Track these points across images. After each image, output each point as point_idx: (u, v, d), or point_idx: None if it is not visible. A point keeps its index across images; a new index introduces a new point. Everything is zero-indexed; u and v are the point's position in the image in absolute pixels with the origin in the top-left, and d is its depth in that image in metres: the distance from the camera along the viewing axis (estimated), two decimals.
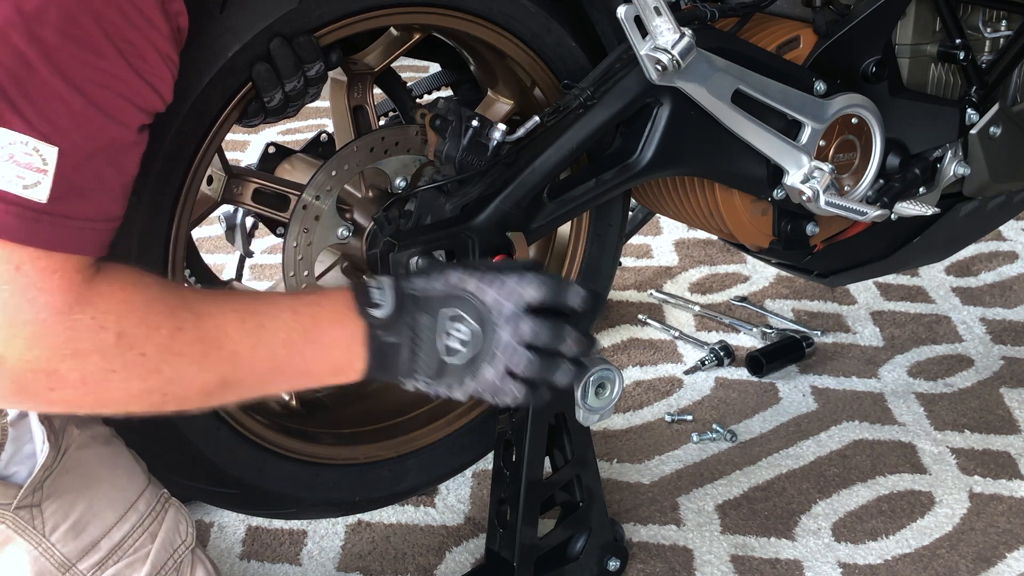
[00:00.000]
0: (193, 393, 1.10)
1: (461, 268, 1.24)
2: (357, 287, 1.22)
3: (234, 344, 1.11)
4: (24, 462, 1.14)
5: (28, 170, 0.97)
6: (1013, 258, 2.52)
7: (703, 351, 2.14)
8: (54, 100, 0.97)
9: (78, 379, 1.02)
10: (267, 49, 1.28)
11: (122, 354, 1.04)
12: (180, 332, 1.08)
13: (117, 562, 1.17)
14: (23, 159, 0.97)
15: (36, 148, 0.97)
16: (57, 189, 0.98)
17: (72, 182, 1.00)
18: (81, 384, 1.03)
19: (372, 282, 1.22)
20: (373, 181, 1.51)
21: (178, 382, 1.08)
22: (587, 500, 1.54)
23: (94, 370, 1.03)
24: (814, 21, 1.61)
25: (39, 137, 0.97)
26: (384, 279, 1.22)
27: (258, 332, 1.13)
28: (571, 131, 1.46)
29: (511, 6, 1.46)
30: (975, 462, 1.84)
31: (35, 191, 0.98)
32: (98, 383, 1.04)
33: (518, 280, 1.23)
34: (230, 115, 1.31)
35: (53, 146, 0.98)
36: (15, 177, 0.97)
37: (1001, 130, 1.74)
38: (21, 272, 0.99)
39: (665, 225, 2.68)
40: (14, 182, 0.97)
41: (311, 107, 2.99)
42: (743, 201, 1.62)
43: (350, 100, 1.55)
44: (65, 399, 1.04)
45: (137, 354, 1.05)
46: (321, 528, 1.72)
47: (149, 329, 1.05)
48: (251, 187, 1.49)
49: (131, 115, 1.04)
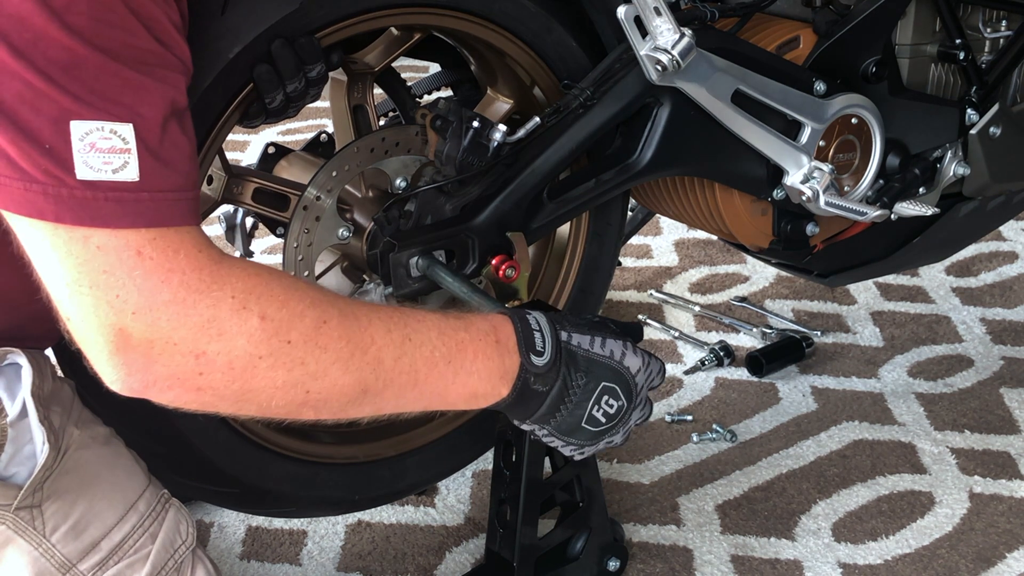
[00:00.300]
0: (334, 396, 1.09)
1: (621, 341, 1.30)
2: (517, 320, 1.23)
3: (379, 351, 1.11)
4: (24, 463, 1.14)
5: (112, 154, 0.97)
6: (1013, 258, 2.52)
7: (703, 351, 2.14)
8: (110, 80, 0.97)
9: (225, 363, 1.02)
10: (268, 50, 1.28)
11: (268, 339, 1.03)
12: (325, 325, 1.07)
13: (118, 563, 1.17)
14: (104, 144, 0.97)
15: (113, 130, 0.97)
16: (144, 164, 0.99)
17: (156, 154, 1.00)
18: (228, 369, 1.03)
19: (532, 321, 1.24)
20: (373, 181, 1.51)
21: (322, 379, 1.07)
22: (587, 500, 1.53)
23: (241, 354, 1.03)
24: (814, 21, 1.61)
25: (111, 119, 0.97)
26: (543, 321, 1.25)
27: (403, 344, 1.13)
28: (571, 131, 1.46)
29: (512, 6, 1.46)
30: (975, 462, 1.84)
31: (125, 172, 0.98)
32: (244, 369, 1.03)
33: (653, 362, 1.33)
34: (231, 116, 1.31)
35: (127, 123, 0.98)
36: (102, 164, 0.97)
37: (1001, 130, 1.74)
38: (144, 256, 0.99)
39: (665, 225, 2.68)
40: (103, 170, 0.97)
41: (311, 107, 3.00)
42: (743, 201, 1.62)
43: (350, 100, 1.55)
44: (213, 385, 1.03)
45: (283, 341, 1.04)
46: (321, 528, 1.72)
47: (292, 315, 1.05)
48: (251, 187, 1.49)
49: (177, 80, 1.04)
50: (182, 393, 1.04)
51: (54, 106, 0.96)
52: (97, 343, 1.00)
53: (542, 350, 1.23)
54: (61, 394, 1.19)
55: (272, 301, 1.05)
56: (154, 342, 1.00)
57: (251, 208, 1.51)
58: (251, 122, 1.37)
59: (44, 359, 1.19)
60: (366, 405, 1.13)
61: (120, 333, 1.00)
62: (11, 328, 1.16)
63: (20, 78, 0.95)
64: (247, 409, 1.08)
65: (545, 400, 1.24)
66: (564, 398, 1.25)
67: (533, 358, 1.22)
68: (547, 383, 1.24)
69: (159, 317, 1.00)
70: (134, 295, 0.99)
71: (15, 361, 1.15)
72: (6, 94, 0.95)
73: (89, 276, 0.98)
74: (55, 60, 0.95)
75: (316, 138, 1.72)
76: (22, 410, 1.13)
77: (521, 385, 1.22)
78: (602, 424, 1.29)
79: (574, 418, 1.27)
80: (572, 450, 1.33)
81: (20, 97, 0.95)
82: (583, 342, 1.27)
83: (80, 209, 0.97)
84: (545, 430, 1.29)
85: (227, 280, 1.03)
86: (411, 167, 1.49)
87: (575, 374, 1.25)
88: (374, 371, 1.11)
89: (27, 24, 0.95)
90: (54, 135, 0.96)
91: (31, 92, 0.95)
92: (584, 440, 1.30)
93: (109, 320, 0.99)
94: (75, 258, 0.98)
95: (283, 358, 1.05)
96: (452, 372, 1.17)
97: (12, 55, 0.95)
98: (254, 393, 1.06)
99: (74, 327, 1.02)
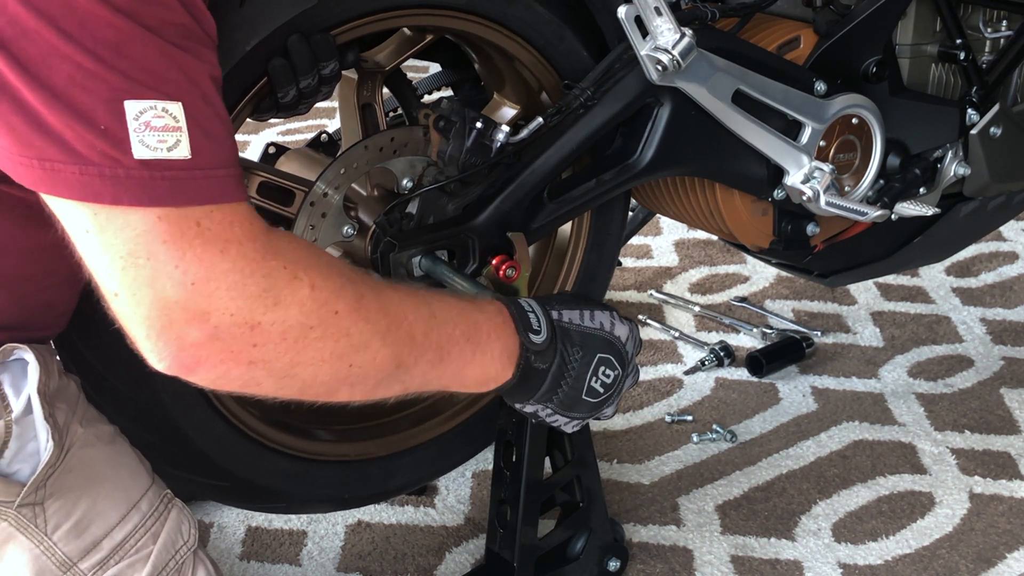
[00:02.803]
0: (373, 370, 1.11)
1: (607, 311, 1.34)
2: (510, 303, 1.27)
3: (410, 326, 1.13)
4: (27, 460, 1.14)
5: (166, 132, 0.97)
6: (1013, 258, 2.52)
7: (703, 351, 2.14)
8: (157, 58, 0.97)
9: (279, 334, 1.03)
10: (284, 45, 1.29)
11: (318, 309, 1.05)
12: (364, 299, 1.09)
13: (119, 562, 1.17)
14: (158, 123, 0.97)
15: (165, 108, 0.97)
16: (196, 141, 0.99)
17: (205, 130, 1.00)
18: (281, 340, 1.03)
19: (524, 304, 1.28)
20: (379, 180, 1.52)
21: (363, 351, 1.09)
22: (587, 500, 1.54)
23: (294, 324, 1.04)
24: (814, 21, 1.61)
25: (163, 97, 0.97)
26: (533, 303, 1.29)
27: (430, 320, 1.16)
28: (571, 131, 1.46)
29: (527, 12, 1.46)
30: (975, 462, 1.84)
31: (179, 150, 0.98)
32: (296, 339, 1.04)
33: (636, 329, 1.37)
34: (243, 108, 1.31)
35: (176, 101, 0.98)
36: (157, 143, 0.97)
37: (1001, 130, 1.74)
38: (203, 227, 0.99)
39: (665, 225, 2.68)
40: (159, 148, 0.97)
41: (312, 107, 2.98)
42: (743, 201, 1.62)
43: (359, 98, 1.55)
44: (265, 357, 1.04)
45: (331, 311, 1.06)
46: (321, 528, 1.72)
47: (336, 286, 1.07)
48: (257, 180, 1.49)
49: (211, 55, 1.04)
50: (232, 367, 1.04)
51: (106, 86, 0.95)
52: (149, 318, 1.00)
53: (539, 329, 1.26)
54: (67, 391, 1.19)
55: (319, 271, 1.06)
56: (211, 313, 1.00)
57: (255, 202, 1.51)
58: (262, 116, 1.38)
59: (50, 355, 1.19)
60: (396, 382, 1.15)
61: (176, 306, 0.99)
62: (20, 318, 1.16)
63: (71, 60, 0.95)
64: (290, 386, 1.09)
65: (547, 377, 1.28)
66: (564, 373, 1.29)
67: (532, 336, 1.26)
68: (546, 360, 1.27)
69: (218, 287, 1.00)
70: (195, 265, 0.99)
71: (21, 357, 1.14)
72: (57, 78, 0.95)
73: (147, 248, 0.98)
74: (104, 40, 0.95)
75: (316, 138, 1.72)
76: (27, 406, 1.13)
77: (524, 364, 1.25)
78: (600, 395, 1.33)
79: (575, 391, 1.31)
80: (574, 425, 1.37)
81: (72, 79, 0.95)
82: (574, 317, 1.32)
83: (138, 189, 0.97)
84: (549, 408, 1.32)
85: (279, 250, 1.04)
86: (418, 167, 1.49)
87: (571, 348, 1.29)
88: (407, 345, 1.13)
89: (73, 6, 0.94)
90: (109, 116, 0.96)
91: (82, 73, 0.95)
92: (585, 412, 1.34)
93: (166, 292, 0.99)
94: (132, 230, 0.98)
95: (331, 328, 1.06)
96: (471, 350, 1.20)
97: (61, 37, 0.94)
98: (302, 366, 1.07)
99: (122, 303, 1.00)
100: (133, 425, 1.30)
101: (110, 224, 0.98)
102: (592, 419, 1.38)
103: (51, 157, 0.96)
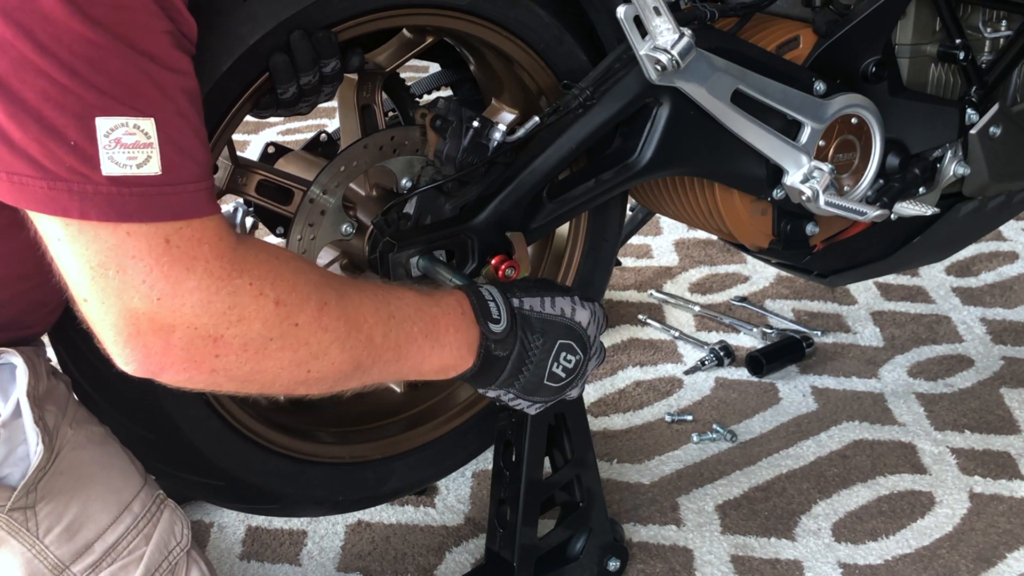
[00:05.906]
0: (331, 373, 1.14)
1: (568, 296, 1.37)
2: (471, 293, 1.29)
3: (370, 329, 1.16)
4: (18, 464, 1.13)
5: (136, 148, 0.98)
6: (1013, 258, 2.52)
7: (703, 351, 2.14)
8: (132, 72, 0.98)
9: (240, 346, 1.06)
10: (287, 40, 1.29)
11: (280, 322, 1.07)
12: (326, 307, 1.11)
13: (111, 564, 1.16)
14: (128, 139, 0.97)
15: (136, 125, 0.98)
16: (166, 158, 1.00)
17: (177, 145, 1.01)
18: (243, 351, 1.06)
19: (484, 292, 1.31)
20: (377, 180, 1.52)
21: (322, 358, 1.12)
22: (587, 500, 1.54)
23: (255, 337, 1.06)
24: (814, 21, 1.61)
25: (135, 114, 0.98)
26: (494, 292, 1.32)
27: (388, 321, 1.18)
28: (570, 131, 1.46)
29: (528, 15, 1.46)
30: (975, 462, 1.83)
31: (148, 167, 0.99)
32: (257, 351, 1.07)
33: (598, 311, 1.39)
34: (244, 104, 1.31)
35: (149, 117, 0.98)
36: (127, 160, 0.98)
37: (1001, 130, 1.74)
38: (172, 244, 1.01)
39: (665, 225, 2.68)
40: (128, 165, 0.98)
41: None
42: (743, 201, 1.62)
43: (359, 98, 1.55)
44: (227, 367, 1.06)
45: (292, 324, 1.08)
46: (321, 528, 1.72)
47: (301, 299, 1.09)
48: (256, 179, 1.49)
49: (189, 64, 1.04)
50: (195, 374, 1.06)
51: (79, 102, 0.96)
52: (116, 325, 1.01)
53: (498, 318, 1.29)
54: (56, 393, 1.18)
55: (284, 285, 1.08)
56: (176, 327, 1.02)
57: (254, 200, 1.51)
58: (262, 113, 1.38)
59: (39, 357, 1.18)
60: (355, 380, 1.18)
61: (143, 317, 1.01)
62: (10, 317, 1.16)
63: (45, 75, 0.94)
64: (251, 388, 1.12)
65: (507, 364, 1.30)
66: (525, 360, 1.32)
67: (491, 326, 1.28)
68: (506, 348, 1.30)
69: (184, 303, 1.01)
70: (161, 282, 1.00)
71: (9, 361, 1.14)
72: (29, 92, 0.95)
73: (116, 261, 0.99)
74: (79, 54, 0.95)
75: (316, 138, 1.72)
76: (15, 410, 1.13)
77: (484, 353, 1.28)
78: (563, 379, 1.36)
79: (536, 377, 1.33)
80: (537, 408, 1.40)
81: (44, 94, 0.95)
82: (534, 304, 1.34)
83: (106, 205, 0.98)
84: (511, 393, 1.35)
85: (245, 267, 1.05)
86: (417, 167, 1.50)
87: (532, 336, 1.32)
88: (366, 348, 1.16)
89: (50, 18, 0.94)
90: (79, 132, 0.96)
91: (55, 88, 0.95)
92: (547, 396, 1.37)
93: (133, 304, 1.00)
94: (103, 243, 0.99)
95: (291, 340, 1.09)
96: (429, 346, 1.22)
97: (36, 51, 0.94)
98: (262, 373, 1.09)
99: (91, 308, 1.02)
100: (130, 421, 1.30)
101: (81, 236, 0.99)
102: (555, 401, 1.40)
103: (19, 171, 0.97)
